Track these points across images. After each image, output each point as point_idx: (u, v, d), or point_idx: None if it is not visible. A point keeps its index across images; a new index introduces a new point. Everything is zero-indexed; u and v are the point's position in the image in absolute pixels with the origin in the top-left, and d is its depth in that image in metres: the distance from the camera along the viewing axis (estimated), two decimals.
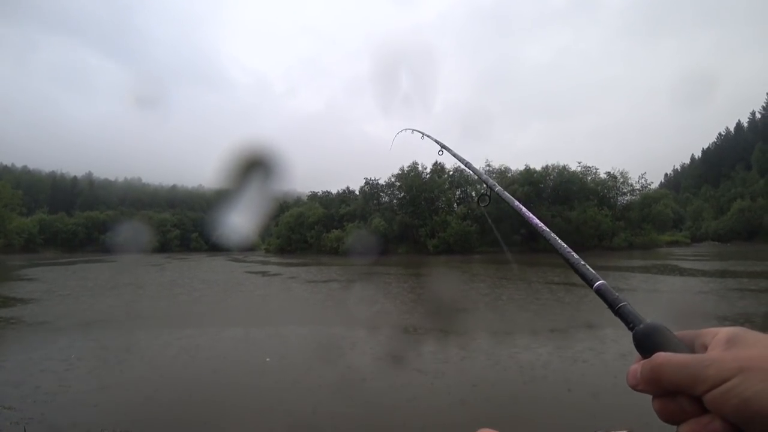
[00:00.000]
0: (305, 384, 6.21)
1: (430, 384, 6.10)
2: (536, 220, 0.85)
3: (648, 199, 55.59)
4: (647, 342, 0.49)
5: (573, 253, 0.70)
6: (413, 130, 2.24)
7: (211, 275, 25.51)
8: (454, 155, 1.55)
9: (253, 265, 34.30)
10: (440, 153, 1.70)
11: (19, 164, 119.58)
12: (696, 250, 47.16)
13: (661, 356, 0.44)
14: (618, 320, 0.52)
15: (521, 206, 0.92)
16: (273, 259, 46.35)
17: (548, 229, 0.79)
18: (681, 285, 17.16)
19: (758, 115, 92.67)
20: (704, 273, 21.27)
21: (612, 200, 56.88)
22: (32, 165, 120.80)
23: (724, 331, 0.45)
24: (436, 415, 5.16)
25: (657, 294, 14.69)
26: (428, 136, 1.95)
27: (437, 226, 53.11)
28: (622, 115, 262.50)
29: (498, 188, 1.10)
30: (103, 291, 18.11)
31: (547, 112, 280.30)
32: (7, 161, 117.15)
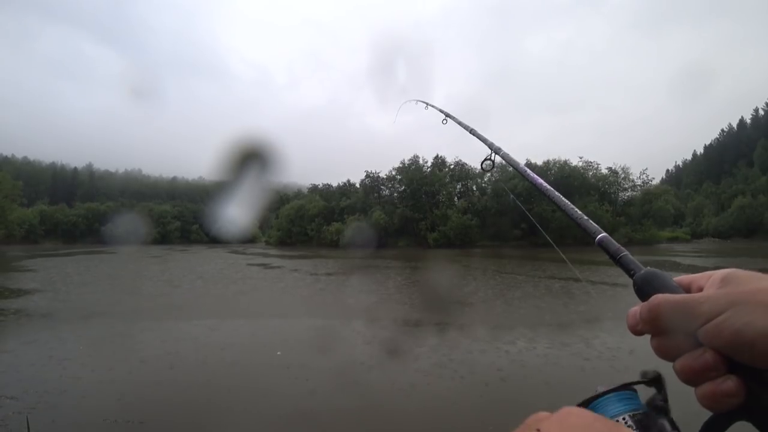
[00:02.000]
0: (314, 377, 6.23)
1: (434, 377, 6.12)
2: (540, 181, 0.88)
3: (649, 195, 55.46)
4: (646, 287, 0.51)
5: (576, 209, 0.72)
6: (417, 100, 2.25)
7: (212, 267, 25.54)
8: (458, 122, 1.56)
9: (254, 258, 34.33)
10: (444, 122, 1.72)
11: (19, 155, 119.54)
12: (696, 247, 47.18)
13: (658, 297, 0.47)
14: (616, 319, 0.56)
15: (526, 169, 0.95)
16: (273, 251, 46.39)
17: (552, 189, 0.82)
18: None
19: (761, 112, 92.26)
20: (704, 269, 21.12)
21: (613, 196, 56.75)
22: (32, 156, 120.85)
23: (719, 272, 0.48)
24: (439, 409, 5.18)
25: None
26: (432, 106, 1.97)
27: (438, 219, 53.09)
28: (624, 110, 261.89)
29: (503, 151, 1.12)
30: (104, 283, 18.16)
31: (549, 106, 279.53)
32: (7, 152, 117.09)
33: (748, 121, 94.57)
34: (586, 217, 0.69)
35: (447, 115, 1.70)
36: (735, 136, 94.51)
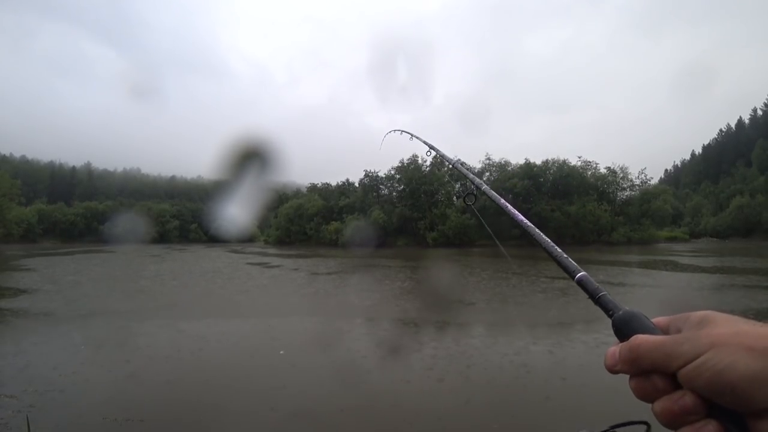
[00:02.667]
0: (317, 376, 6.25)
1: (435, 376, 6.14)
2: (520, 217, 0.88)
3: (647, 195, 55.57)
4: (625, 327, 0.51)
5: (556, 247, 0.73)
6: (402, 131, 2.25)
7: (212, 267, 25.53)
8: (442, 156, 1.59)
9: (254, 257, 34.32)
10: (428, 153, 1.78)
11: (17, 154, 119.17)
12: (694, 246, 47.29)
13: (639, 337, 0.47)
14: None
15: (507, 204, 0.95)
16: (272, 250, 46.36)
17: (532, 225, 0.82)
18: (679, 280, 17.25)
19: (759, 112, 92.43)
20: (702, 269, 21.35)
21: (611, 195, 56.83)
22: (31, 154, 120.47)
23: (696, 314, 0.48)
24: (442, 409, 5.20)
25: (655, 289, 14.74)
26: (416, 137, 1.97)
27: (436, 218, 53.11)
28: (623, 110, 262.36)
29: (485, 187, 1.15)
30: (103, 282, 18.16)
31: (548, 105, 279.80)
32: (5, 151, 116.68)
33: (747, 121, 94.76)
34: (565, 255, 0.70)
35: (431, 147, 1.75)
36: (733, 136, 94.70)
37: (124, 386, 5.83)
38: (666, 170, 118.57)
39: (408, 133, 2.11)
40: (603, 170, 57.72)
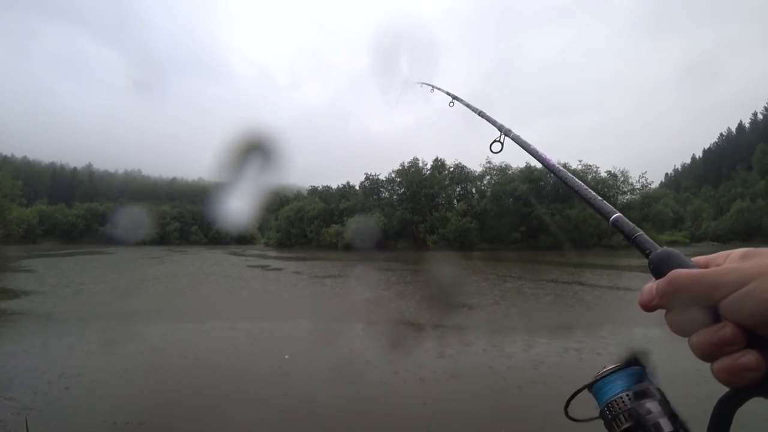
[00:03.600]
0: (323, 381, 6.23)
1: (437, 379, 6.12)
2: (553, 162, 0.87)
3: (648, 199, 55.61)
4: (662, 265, 0.50)
5: (590, 190, 0.71)
6: (422, 83, 2.17)
7: (213, 269, 25.53)
8: (467, 104, 1.50)
9: (254, 260, 34.32)
10: (451, 104, 1.65)
11: (18, 155, 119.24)
12: (695, 250, 47.13)
13: (678, 271, 0.46)
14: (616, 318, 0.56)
15: (537, 149, 0.93)
16: (273, 253, 46.36)
17: (564, 170, 0.80)
18: None
19: (760, 116, 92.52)
20: None
21: (612, 199, 56.75)
22: (32, 156, 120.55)
23: (738, 250, 0.47)
24: (444, 413, 5.18)
25: None
26: (438, 88, 1.89)
27: (437, 222, 53.12)
28: (624, 114, 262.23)
29: (513, 133, 1.09)
30: (103, 284, 18.14)
31: (549, 109, 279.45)
32: (6, 152, 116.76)
33: (747, 125, 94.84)
34: (600, 198, 0.69)
35: (454, 97, 1.64)
36: (734, 140, 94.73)
37: (124, 389, 5.82)
38: (666, 174, 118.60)
39: (429, 84, 2.03)
40: (604, 174, 57.83)
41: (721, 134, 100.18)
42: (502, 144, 1.14)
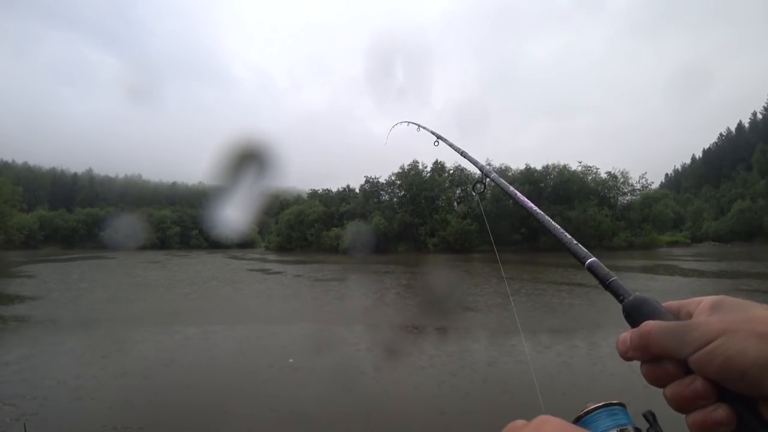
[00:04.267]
0: (327, 385, 6.22)
1: (439, 381, 6.10)
2: (530, 204, 0.88)
3: (648, 199, 55.61)
4: (635, 313, 0.51)
5: (566, 233, 0.72)
6: (409, 122, 2.27)
7: (213, 273, 25.52)
8: (450, 144, 1.58)
9: (255, 263, 34.30)
10: (436, 144, 1.73)
11: (19, 160, 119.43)
12: (696, 251, 47.15)
13: (649, 323, 0.47)
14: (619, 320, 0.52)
15: (516, 192, 0.95)
16: (273, 256, 46.35)
17: (542, 213, 0.82)
18: (681, 285, 17.16)
19: (759, 116, 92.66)
20: (704, 273, 21.28)
21: (612, 200, 56.86)
22: (32, 161, 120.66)
23: (708, 299, 0.48)
24: (445, 415, 5.17)
25: (657, 294, 14.67)
26: (424, 128, 1.98)
27: (437, 224, 53.17)
28: (623, 115, 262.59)
29: (493, 175, 1.14)
30: (104, 288, 18.13)
31: (548, 110, 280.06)
32: (7, 157, 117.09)
33: (747, 125, 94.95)
34: (575, 242, 0.70)
35: (438, 137, 1.73)
36: (733, 140, 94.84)
37: (124, 394, 5.80)
38: (667, 174, 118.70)
39: (415, 124, 2.13)
40: (603, 175, 57.90)
41: (721, 134, 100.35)
42: (485, 185, 1.20)
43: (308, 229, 59.75)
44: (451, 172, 58.99)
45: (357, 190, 64.30)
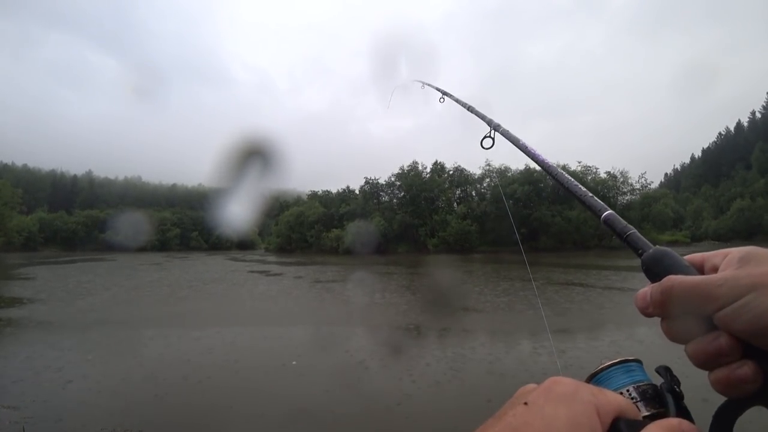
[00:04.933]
0: (324, 385, 6.21)
1: (440, 383, 6.09)
2: (543, 157, 0.85)
3: (648, 199, 55.70)
4: (656, 266, 0.49)
5: (581, 186, 0.70)
6: (413, 80, 2.20)
7: (213, 275, 25.51)
8: (456, 100, 1.51)
9: (255, 265, 34.29)
10: (442, 100, 1.66)
11: (19, 162, 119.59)
12: (695, 250, 46.58)
13: (671, 278, 0.45)
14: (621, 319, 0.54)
15: (527, 145, 0.92)
16: (273, 258, 46.33)
17: (554, 166, 0.79)
18: None
19: (758, 115, 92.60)
20: None
21: (612, 200, 56.90)
22: (32, 163, 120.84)
23: (736, 251, 0.45)
24: (448, 417, 5.16)
25: None
26: (428, 84, 1.91)
27: (437, 225, 53.17)
28: (623, 114, 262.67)
29: (502, 128, 1.08)
30: (104, 290, 18.10)
31: (548, 110, 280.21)
32: (7, 159, 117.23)
33: (746, 124, 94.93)
34: (590, 194, 0.67)
35: (444, 93, 1.65)
36: (732, 139, 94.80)
37: (124, 396, 5.78)
38: (666, 174, 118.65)
39: (419, 81, 2.05)
40: (603, 175, 58.02)
41: (720, 133, 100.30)
42: (493, 139, 1.14)
43: (308, 230, 59.74)
44: (451, 172, 59.01)
45: (357, 192, 64.34)
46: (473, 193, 59.54)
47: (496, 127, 1.11)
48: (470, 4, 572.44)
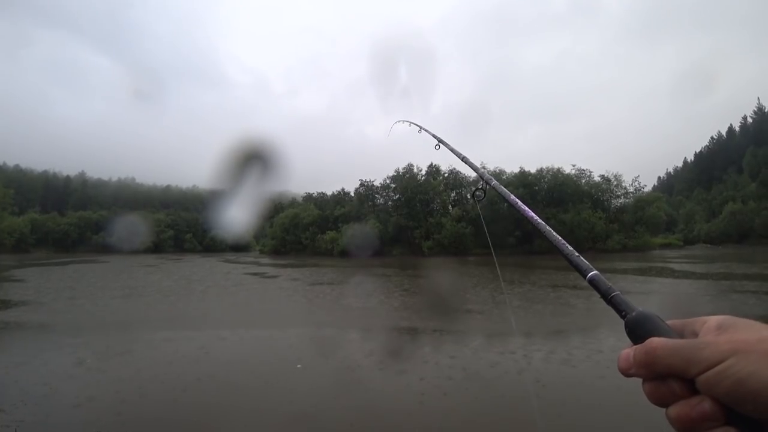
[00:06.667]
0: (327, 388, 6.19)
1: (440, 386, 6.09)
2: (531, 213, 0.87)
3: (641, 202, 56.02)
4: (639, 329, 0.50)
5: (567, 245, 0.71)
6: (411, 122, 2.21)
7: (209, 276, 25.38)
8: (451, 149, 1.55)
9: (249, 267, 34.15)
10: (437, 147, 1.69)
11: (10, 163, 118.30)
12: (688, 253, 47.52)
13: (655, 340, 0.46)
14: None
15: (517, 200, 0.93)
16: (268, 260, 46.16)
17: (543, 222, 0.80)
18: (673, 287, 17.29)
19: (750, 120, 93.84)
20: (696, 275, 21.44)
21: (606, 203, 57.25)
22: (24, 164, 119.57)
23: (714, 319, 0.46)
24: (448, 420, 5.16)
25: (650, 295, 14.78)
26: (425, 130, 1.93)
27: (432, 227, 53.22)
28: (617, 118, 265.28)
29: (494, 182, 1.10)
30: (98, 293, 17.95)
31: (543, 114, 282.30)
32: None
33: (737, 128, 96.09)
34: (577, 254, 0.68)
35: (440, 141, 1.69)
36: (724, 144, 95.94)
37: (118, 401, 5.73)
38: (659, 177, 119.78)
39: (417, 125, 2.07)
40: (597, 178, 58.33)
41: (712, 138, 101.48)
42: (485, 192, 1.16)
43: (303, 232, 59.58)
44: (446, 175, 59.12)
45: (352, 194, 64.26)
46: (468, 196, 59.73)
47: (488, 181, 1.13)
48: (467, 8, 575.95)
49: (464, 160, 1.41)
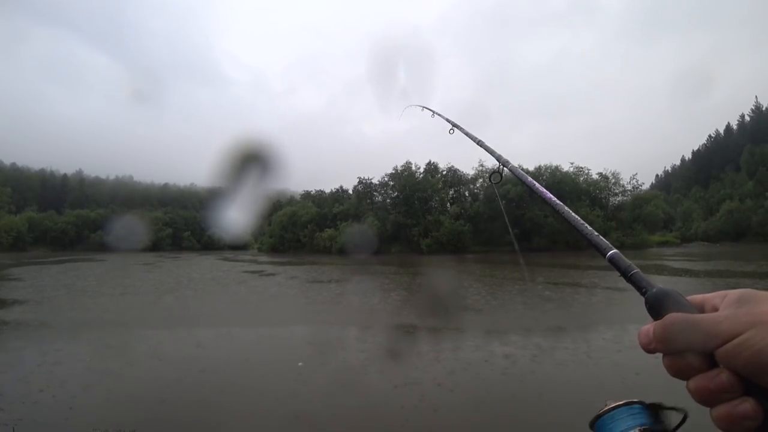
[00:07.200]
0: (326, 387, 6.19)
1: (440, 385, 6.10)
2: (550, 195, 0.87)
3: (639, 200, 56.15)
4: (658, 306, 0.50)
5: (587, 225, 0.71)
6: (423, 107, 2.17)
7: (207, 275, 25.35)
8: (466, 133, 1.52)
9: (247, 265, 34.11)
10: (451, 132, 1.65)
11: (7, 161, 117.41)
12: (686, 251, 47.67)
13: (674, 315, 0.46)
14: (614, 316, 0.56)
15: (534, 182, 0.94)
16: (266, 258, 46.12)
17: (562, 204, 0.80)
18: (671, 284, 17.12)
19: (747, 118, 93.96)
20: (693, 273, 21.53)
21: (604, 201, 57.36)
22: (21, 162, 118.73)
23: (734, 292, 0.47)
24: (447, 418, 5.16)
25: None
26: (439, 114, 1.88)
27: (430, 225, 53.22)
28: (615, 117, 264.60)
29: (511, 165, 1.11)
30: (97, 291, 17.91)
31: (542, 112, 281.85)
32: None
33: (735, 127, 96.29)
34: (596, 233, 0.68)
35: (454, 125, 1.64)
36: (722, 142, 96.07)
37: (116, 398, 5.73)
38: (657, 176, 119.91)
39: (429, 109, 2.02)
40: (595, 176, 58.40)
41: (710, 136, 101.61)
42: (501, 175, 1.18)
43: (301, 230, 59.52)
44: (444, 173, 59.13)
45: (350, 192, 64.24)
46: (466, 194, 59.78)
47: (505, 163, 1.15)
48: (466, 7, 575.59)
49: (480, 143, 1.38)
